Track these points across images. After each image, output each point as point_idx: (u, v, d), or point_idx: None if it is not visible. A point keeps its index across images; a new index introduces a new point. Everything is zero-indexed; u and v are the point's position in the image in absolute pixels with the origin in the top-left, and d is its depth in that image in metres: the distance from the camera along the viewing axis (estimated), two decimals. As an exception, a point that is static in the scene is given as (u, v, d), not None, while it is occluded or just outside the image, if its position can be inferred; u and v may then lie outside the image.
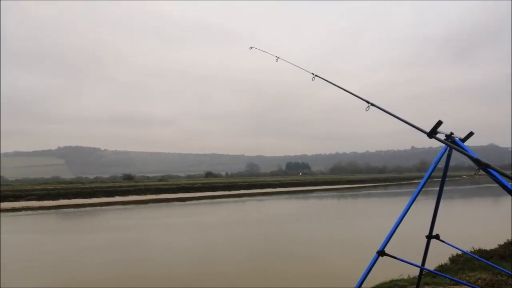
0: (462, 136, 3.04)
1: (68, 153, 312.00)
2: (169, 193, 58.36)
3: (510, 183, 2.34)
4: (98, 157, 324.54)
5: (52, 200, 47.03)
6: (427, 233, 3.85)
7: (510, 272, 4.11)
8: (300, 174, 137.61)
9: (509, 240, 11.12)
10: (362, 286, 2.94)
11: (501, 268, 3.94)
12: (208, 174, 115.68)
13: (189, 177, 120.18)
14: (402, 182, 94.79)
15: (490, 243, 11.07)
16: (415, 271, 5.91)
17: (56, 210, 39.28)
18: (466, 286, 6.64)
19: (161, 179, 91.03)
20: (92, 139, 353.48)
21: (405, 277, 8.13)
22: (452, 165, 3.22)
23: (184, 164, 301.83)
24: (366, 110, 3.36)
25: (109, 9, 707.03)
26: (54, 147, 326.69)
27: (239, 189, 67.71)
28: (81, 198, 50.10)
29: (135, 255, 15.90)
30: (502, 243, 11.09)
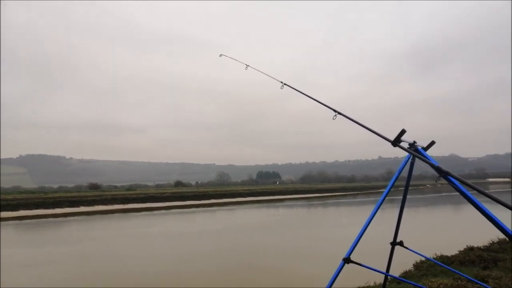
0: (425, 145, 3.14)
1: (30, 162, 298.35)
2: (137, 202, 56.76)
3: (469, 190, 2.42)
4: (63, 166, 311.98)
5: (11, 211, 44.47)
6: (391, 240, 3.93)
7: (470, 277, 4.25)
8: (278, 183, 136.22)
9: (469, 246, 11.60)
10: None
11: (461, 274, 4.07)
12: (178, 184, 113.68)
13: (158, 186, 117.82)
14: (370, 191, 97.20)
15: (451, 250, 11.49)
16: (380, 278, 6.00)
17: (16, 221, 37.18)
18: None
19: (129, 188, 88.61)
20: (57, 147, 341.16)
21: (371, 284, 8.26)
22: (416, 174, 3.33)
23: (154, 173, 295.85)
24: (333, 119, 3.40)
25: (80, 15, 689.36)
26: (15, 155, 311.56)
27: (209, 198, 66.94)
28: (43, 208, 47.75)
29: (93, 269, 15.24)
30: (462, 249, 11.54)
